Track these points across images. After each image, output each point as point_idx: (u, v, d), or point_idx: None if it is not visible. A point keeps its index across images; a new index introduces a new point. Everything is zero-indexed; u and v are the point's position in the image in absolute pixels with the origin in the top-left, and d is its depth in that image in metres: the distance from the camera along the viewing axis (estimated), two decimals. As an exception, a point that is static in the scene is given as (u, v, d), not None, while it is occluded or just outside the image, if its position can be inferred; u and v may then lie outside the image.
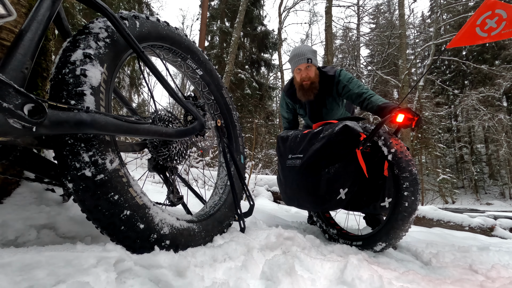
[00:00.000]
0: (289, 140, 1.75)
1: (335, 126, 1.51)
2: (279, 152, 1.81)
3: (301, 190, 1.59)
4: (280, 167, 1.75)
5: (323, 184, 1.48)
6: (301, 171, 1.56)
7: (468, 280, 1.14)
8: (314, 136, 1.59)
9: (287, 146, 1.73)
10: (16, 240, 0.80)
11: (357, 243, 1.54)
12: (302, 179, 1.56)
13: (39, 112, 0.57)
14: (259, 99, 13.26)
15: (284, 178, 1.71)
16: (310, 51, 1.88)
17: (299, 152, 1.61)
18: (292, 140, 1.73)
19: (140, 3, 10.09)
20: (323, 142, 1.49)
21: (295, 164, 1.60)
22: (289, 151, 1.70)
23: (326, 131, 1.54)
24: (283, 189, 1.76)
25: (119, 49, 0.89)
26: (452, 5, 13.22)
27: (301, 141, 1.66)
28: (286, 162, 1.66)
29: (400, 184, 1.36)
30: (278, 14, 17.51)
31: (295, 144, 1.68)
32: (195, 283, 0.73)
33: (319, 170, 1.49)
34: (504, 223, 3.41)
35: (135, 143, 1.15)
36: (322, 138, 1.52)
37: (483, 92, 14.26)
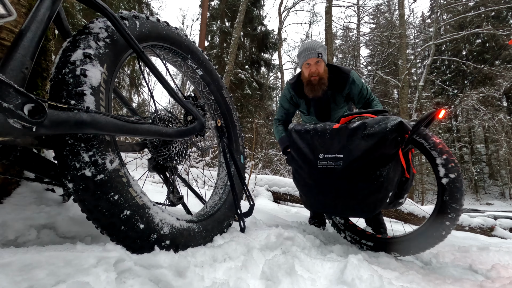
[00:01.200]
0: (312, 135, 1.51)
1: (385, 121, 1.32)
2: (297, 148, 1.54)
3: (345, 197, 1.38)
4: (306, 168, 1.49)
5: (376, 189, 1.29)
6: (345, 175, 1.34)
7: (468, 280, 1.14)
8: (354, 133, 1.38)
9: (313, 142, 1.49)
10: (16, 240, 0.80)
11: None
12: (347, 184, 1.35)
13: (39, 112, 0.57)
14: (259, 99, 13.26)
15: (315, 181, 1.47)
16: (320, 46, 1.85)
17: (336, 151, 1.39)
18: (317, 135, 1.49)
19: (140, 3, 10.09)
20: (375, 140, 1.29)
21: (334, 166, 1.37)
22: (319, 149, 1.46)
23: (371, 127, 1.33)
24: (313, 194, 1.51)
25: (119, 49, 0.89)
26: (452, 5, 13.22)
27: (334, 137, 1.43)
28: (318, 163, 1.43)
29: (450, 192, 1.27)
30: (278, 14, 17.52)
31: (326, 141, 1.45)
32: (195, 283, 0.73)
33: (371, 173, 1.30)
34: (504, 223, 3.41)
35: (135, 143, 1.15)
36: (370, 136, 1.31)
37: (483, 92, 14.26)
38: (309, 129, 1.54)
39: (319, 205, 1.54)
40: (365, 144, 1.31)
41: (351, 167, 1.33)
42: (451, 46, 20.24)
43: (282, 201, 4.22)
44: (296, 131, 1.60)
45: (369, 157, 1.30)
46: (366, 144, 1.31)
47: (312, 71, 1.84)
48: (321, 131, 1.50)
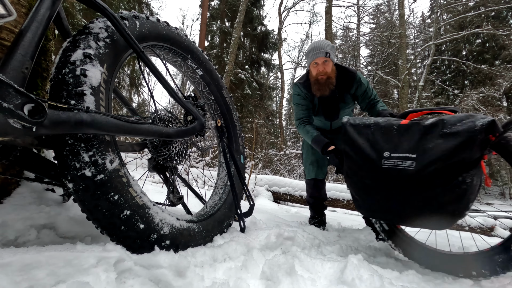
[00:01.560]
0: (374, 131, 1.34)
1: (472, 119, 1.14)
2: (355, 144, 1.36)
3: (416, 203, 1.21)
4: (365, 167, 1.32)
5: (458, 198, 1.12)
6: (418, 179, 1.17)
7: (468, 280, 1.15)
8: (429, 130, 1.21)
9: (375, 138, 1.32)
10: (16, 240, 0.80)
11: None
12: (421, 189, 1.18)
13: (39, 112, 0.57)
14: (259, 99, 13.26)
15: (377, 183, 1.29)
16: (329, 45, 1.85)
17: (407, 150, 1.22)
18: (380, 131, 1.32)
19: (140, 3, 10.09)
20: (459, 140, 1.12)
21: (405, 166, 1.20)
22: (383, 146, 1.28)
23: (453, 125, 1.16)
24: (373, 197, 1.32)
25: (119, 49, 0.89)
26: (452, 5, 13.22)
27: (403, 134, 1.26)
28: (382, 162, 1.26)
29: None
30: (278, 14, 17.51)
31: (392, 138, 1.28)
32: (195, 283, 0.73)
33: (451, 178, 1.12)
34: (504, 223, 3.41)
35: (135, 143, 1.15)
36: (453, 135, 1.14)
37: (483, 92, 14.26)
38: (370, 124, 1.37)
39: (380, 210, 1.34)
40: (445, 144, 1.14)
41: (427, 170, 1.15)
42: (451, 46, 20.23)
43: (282, 201, 4.22)
44: (353, 125, 1.40)
45: (451, 159, 1.12)
46: (447, 144, 1.14)
47: (320, 71, 1.84)
48: (386, 126, 1.32)
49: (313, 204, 2.14)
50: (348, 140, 1.40)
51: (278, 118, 15.91)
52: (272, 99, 16.45)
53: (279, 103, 16.92)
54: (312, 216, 2.18)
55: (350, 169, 1.40)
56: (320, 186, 2.08)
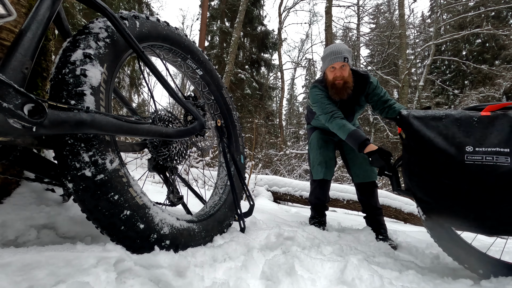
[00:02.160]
0: (447, 123, 1.20)
1: None
2: (422, 139, 1.22)
3: (510, 207, 1.07)
4: (442, 164, 1.16)
5: None
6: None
7: (468, 280, 1.15)
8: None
9: (452, 131, 1.18)
10: (16, 240, 0.80)
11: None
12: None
13: (39, 112, 0.57)
14: (259, 99, 13.26)
15: (458, 182, 1.14)
16: (347, 50, 1.84)
17: (498, 144, 1.09)
18: (456, 123, 1.19)
19: (140, 3, 10.09)
20: None
21: (498, 162, 1.06)
22: (463, 140, 1.15)
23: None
24: (452, 199, 1.16)
25: (119, 49, 0.89)
26: (452, 5, 13.22)
27: (487, 126, 1.13)
28: (466, 157, 1.12)
29: None
30: (278, 14, 17.51)
31: (474, 131, 1.14)
32: (195, 283, 0.73)
33: None
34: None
35: (135, 143, 1.15)
36: None
37: (483, 92, 14.26)
38: (441, 116, 1.23)
39: (460, 215, 1.17)
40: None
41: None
42: (451, 46, 20.23)
43: (282, 201, 4.22)
44: (419, 118, 1.26)
45: None
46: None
47: (337, 75, 1.82)
48: (463, 118, 1.18)
49: (315, 205, 2.14)
50: (413, 133, 1.25)
51: (278, 118, 15.90)
52: (272, 99, 16.44)
53: (279, 103, 16.92)
54: (312, 216, 2.18)
55: (419, 167, 1.23)
56: (326, 188, 2.08)
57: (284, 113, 21.57)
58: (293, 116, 24.11)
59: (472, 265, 1.22)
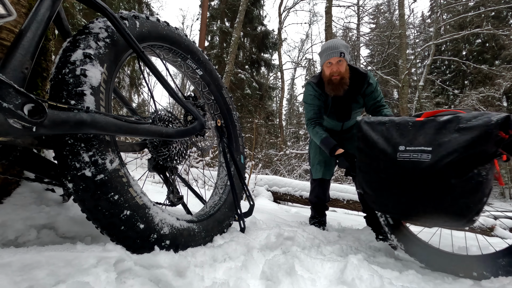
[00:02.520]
0: (389, 127, 1.38)
1: (487, 115, 1.18)
2: (369, 141, 1.39)
3: (430, 196, 1.21)
4: (380, 162, 1.34)
5: (471, 189, 1.13)
6: (435, 170, 1.18)
7: (468, 280, 1.15)
8: (444, 126, 1.24)
9: (391, 134, 1.35)
10: (16, 240, 0.80)
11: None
12: (436, 181, 1.19)
13: (39, 112, 0.57)
14: (259, 99, 13.26)
15: (392, 176, 1.30)
16: (343, 45, 1.83)
17: (423, 144, 1.24)
18: (396, 127, 1.36)
19: (140, 3, 10.09)
20: (475, 134, 1.15)
21: (420, 159, 1.22)
22: (398, 141, 1.31)
23: (468, 121, 1.19)
24: (387, 191, 1.34)
25: (119, 49, 0.89)
26: (452, 5, 13.22)
27: (419, 129, 1.29)
28: (398, 155, 1.28)
29: None
30: (278, 14, 17.51)
31: (408, 133, 1.31)
32: (195, 283, 0.73)
33: (467, 170, 1.14)
34: (504, 223, 3.41)
35: (135, 143, 1.15)
36: (469, 129, 1.17)
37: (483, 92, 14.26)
38: (384, 121, 1.41)
39: (393, 204, 1.34)
40: (461, 137, 1.17)
41: (443, 161, 1.17)
42: (451, 46, 20.22)
43: (282, 201, 4.22)
44: (368, 123, 1.44)
45: (467, 152, 1.14)
46: (462, 138, 1.17)
47: (334, 70, 1.82)
48: (401, 122, 1.36)
49: (315, 204, 2.14)
50: (362, 136, 1.43)
51: (278, 118, 15.90)
52: (272, 99, 16.44)
53: (279, 103, 16.92)
54: (312, 216, 2.18)
55: (364, 164, 1.42)
56: (326, 187, 2.08)
57: (284, 113, 21.57)
58: (293, 116, 24.12)
59: (414, 253, 1.44)
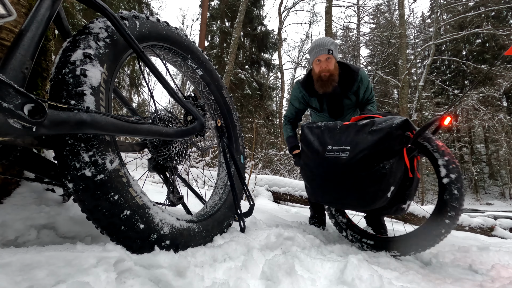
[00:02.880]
0: (323, 130, 1.63)
1: (392, 119, 1.42)
2: (308, 142, 1.65)
3: (348, 186, 1.45)
4: (314, 159, 1.59)
5: (378, 180, 1.36)
6: (350, 165, 1.42)
7: (468, 280, 1.15)
8: (362, 128, 1.48)
9: (323, 136, 1.60)
10: (16, 240, 0.80)
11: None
12: (351, 174, 1.42)
13: (39, 112, 0.57)
14: (259, 99, 13.26)
15: (321, 172, 1.56)
16: (331, 42, 1.86)
17: (344, 143, 1.49)
18: (328, 130, 1.61)
19: (140, 3, 10.09)
20: (381, 134, 1.38)
21: (341, 156, 1.46)
22: (328, 142, 1.55)
23: (379, 124, 1.43)
24: (318, 184, 1.60)
25: (119, 49, 0.89)
26: (452, 5, 13.22)
27: (343, 132, 1.54)
28: (326, 154, 1.53)
29: (450, 191, 1.32)
30: (278, 14, 17.51)
31: (335, 135, 1.56)
32: (195, 283, 0.73)
33: (374, 164, 1.37)
34: (504, 223, 3.41)
35: (135, 143, 1.15)
36: (377, 131, 1.41)
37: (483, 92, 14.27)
38: (320, 125, 1.67)
39: (323, 195, 1.60)
40: (371, 137, 1.41)
41: (356, 158, 1.41)
42: (451, 46, 20.22)
43: (282, 201, 4.22)
44: (308, 127, 1.71)
45: (374, 149, 1.38)
46: (372, 138, 1.40)
47: (323, 68, 1.85)
48: (332, 127, 1.61)
49: (315, 203, 2.15)
50: (303, 139, 1.70)
51: (278, 118, 15.90)
52: (272, 99, 16.45)
53: (279, 103, 16.92)
54: (312, 216, 2.18)
55: (305, 163, 1.70)
56: None
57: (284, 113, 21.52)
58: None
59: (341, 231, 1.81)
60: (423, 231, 1.39)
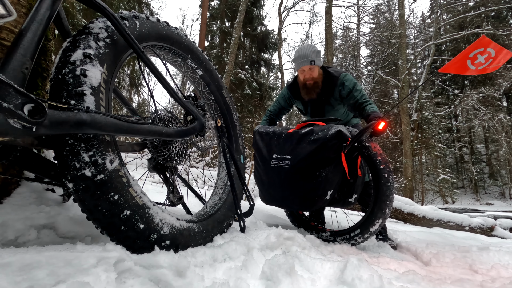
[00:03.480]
0: (271, 138, 1.72)
1: (327, 129, 1.52)
2: (258, 148, 1.76)
3: (290, 193, 1.57)
4: (262, 166, 1.70)
5: (315, 187, 1.49)
6: (290, 174, 1.54)
7: (468, 280, 1.15)
8: (303, 138, 1.58)
9: (271, 144, 1.70)
10: (16, 240, 0.80)
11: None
12: (292, 181, 1.54)
13: (39, 112, 0.57)
14: (259, 99, 13.26)
15: (268, 178, 1.67)
16: (313, 52, 1.92)
17: (286, 152, 1.59)
18: (275, 138, 1.70)
19: (140, 3, 10.09)
20: (317, 145, 1.49)
21: (283, 165, 1.57)
22: (273, 150, 1.66)
23: (317, 133, 1.54)
24: (266, 189, 1.71)
25: (119, 49, 0.89)
26: (452, 5, 13.23)
27: (287, 140, 1.64)
28: (271, 162, 1.63)
29: (381, 190, 1.51)
30: (278, 14, 17.51)
31: (280, 144, 1.65)
32: (195, 283, 0.73)
33: (311, 173, 1.49)
34: (504, 223, 3.41)
35: (135, 143, 1.15)
36: (314, 141, 1.52)
37: (483, 92, 14.26)
38: (269, 132, 1.76)
39: (271, 199, 1.72)
40: (309, 147, 1.52)
41: (295, 167, 1.53)
42: (451, 46, 20.22)
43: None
44: (259, 133, 1.80)
45: (311, 159, 1.49)
46: (310, 148, 1.51)
47: (307, 77, 1.94)
48: (278, 134, 1.71)
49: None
50: (254, 144, 1.80)
51: (278, 118, 15.87)
52: (272, 99, 16.41)
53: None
54: (310, 214, 2.19)
55: (255, 167, 1.81)
56: None
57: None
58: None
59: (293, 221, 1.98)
60: (361, 225, 1.58)
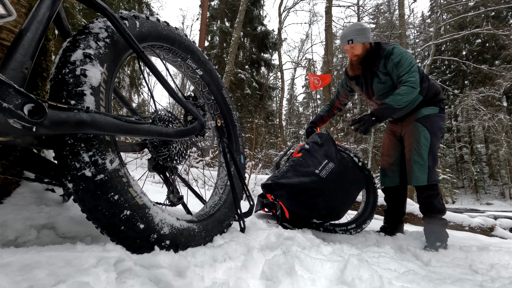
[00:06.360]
0: (317, 147, 1.90)
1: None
2: (311, 156, 1.85)
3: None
4: (318, 175, 1.75)
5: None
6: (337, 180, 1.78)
7: (468, 280, 1.14)
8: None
9: (319, 153, 1.86)
10: (16, 240, 0.80)
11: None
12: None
13: (39, 112, 0.57)
14: (259, 99, 13.26)
15: (327, 188, 1.75)
16: (352, 31, 1.91)
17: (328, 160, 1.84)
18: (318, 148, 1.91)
19: (140, 3, 10.09)
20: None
21: (332, 169, 1.78)
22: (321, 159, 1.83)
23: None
24: (330, 203, 1.79)
25: (119, 49, 0.89)
26: (452, 5, 13.21)
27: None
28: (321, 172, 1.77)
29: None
30: (278, 14, 17.50)
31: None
32: (195, 283, 0.73)
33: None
34: (504, 223, 3.41)
35: (135, 143, 1.15)
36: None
37: (483, 92, 14.26)
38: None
39: (334, 214, 1.89)
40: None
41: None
42: (451, 46, 20.23)
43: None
44: (314, 143, 1.97)
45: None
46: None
47: (350, 55, 1.99)
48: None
49: (390, 210, 2.21)
50: (309, 151, 1.94)
51: (278, 118, 15.91)
52: (272, 99, 16.42)
53: (279, 103, 16.91)
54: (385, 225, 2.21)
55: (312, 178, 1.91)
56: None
57: (284, 113, 21.58)
58: (293, 116, 24.12)
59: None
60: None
